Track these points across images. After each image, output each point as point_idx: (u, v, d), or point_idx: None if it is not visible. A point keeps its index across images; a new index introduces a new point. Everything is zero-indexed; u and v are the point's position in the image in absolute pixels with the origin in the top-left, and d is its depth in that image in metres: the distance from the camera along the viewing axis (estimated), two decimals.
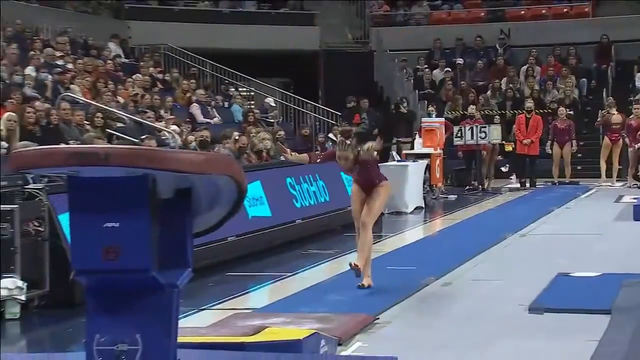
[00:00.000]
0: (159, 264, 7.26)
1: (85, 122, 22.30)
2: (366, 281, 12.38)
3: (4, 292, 12.37)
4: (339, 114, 31.68)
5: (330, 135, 28.76)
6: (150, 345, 7.28)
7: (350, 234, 17.83)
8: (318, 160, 15.26)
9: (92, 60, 28.78)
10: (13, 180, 13.36)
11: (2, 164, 14.15)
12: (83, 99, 24.20)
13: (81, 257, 7.50)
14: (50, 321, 12.57)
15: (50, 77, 25.09)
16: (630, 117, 29.25)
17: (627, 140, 28.90)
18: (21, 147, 15.14)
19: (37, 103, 21.80)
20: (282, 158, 13.40)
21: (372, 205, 12.61)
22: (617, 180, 29.35)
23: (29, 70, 25.04)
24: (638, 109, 29.49)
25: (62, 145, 15.47)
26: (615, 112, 29.99)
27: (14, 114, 20.19)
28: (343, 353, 9.68)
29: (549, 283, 13.06)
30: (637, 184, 27.84)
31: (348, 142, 12.62)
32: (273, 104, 32.08)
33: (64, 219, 12.46)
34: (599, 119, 31.30)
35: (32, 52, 26.85)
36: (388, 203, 13.07)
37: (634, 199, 22.76)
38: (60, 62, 27.10)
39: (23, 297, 12.45)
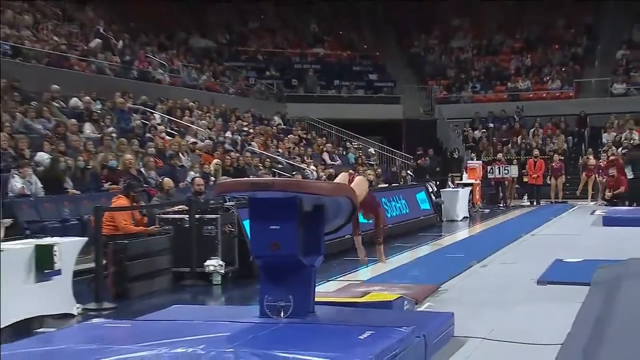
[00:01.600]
0: (303, 252, 8.66)
1: (259, 164, 24.68)
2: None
3: (212, 268, 13.90)
4: (418, 155, 33.82)
5: (409, 172, 30.92)
6: (297, 303, 8.65)
7: (423, 234, 21.38)
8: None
9: (264, 127, 31.74)
10: (217, 200, 15.03)
11: (210, 191, 16.77)
12: (258, 150, 26.98)
13: (256, 248, 9.18)
14: (238, 286, 13.80)
15: (239, 137, 27.98)
16: (600, 160, 31.44)
17: (598, 176, 30.94)
18: (222, 180, 17.33)
19: (232, 153, 24.47)
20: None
21: None
22: (591, 201, 30.90)
23: (228, 134, 28.03)
24: (605, 156, 31.40)
25: (246, 179, 16.31)
26: (591, 158, 32.44)
27: (219, 160, 22.75)
28: (418, 309, 10.46)
29: (550, 265, 13.86)
30: (604, 203, 28.68)
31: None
32: (373, 152, 33.85)
33: (246, 224, 13.75)
34: (580, 162, 33.85)
35: (230, 123, 29.85)
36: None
37: (602, 212, 23.67)
38: (245, 128, 29.90)
39: (222, 271, 13.96)
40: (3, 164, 16.29)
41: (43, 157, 17.19)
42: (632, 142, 31.54)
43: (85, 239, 12.12)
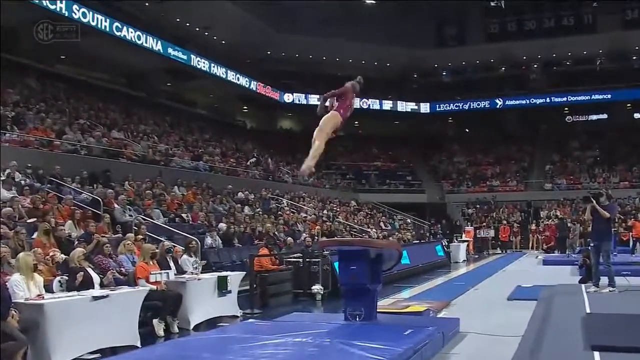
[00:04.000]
0: (369, 281, 8.47)
1: (343, 230, 23.87)
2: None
3: (316, 290, 13.49)
4: (431, 224, 33.25)
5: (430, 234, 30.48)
6: (366, 312, 8.43)
7: (439, 270, 20.60)
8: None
9: (345, 207, 30.48)
10: (319, 250, 14.05)
11: (315, 245, 15.42)
12: (343, 221, 25.75)
13: (342, 278, 9.16)
14: (331, 302, 12.98)
15: (331, 213, 26.75)
16: (540, 227, 31.31)
17: (539, 235, 30.75)
18: (322, 239, 18.12)
19: (327, 223, 23.37)
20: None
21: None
22: (535, 250, 29.64)
23: (324, 211, 26.87)
24: (542, 224, 31.45)
25: (336, 238, 17.80)
26: (533, 225, 31.89)
27: (319, 227, 21.84)
28: (438, 316, 10.07)
29: (514, 288, 13.39)
30: (543, 252, 27.92)
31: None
32: (409, 222, 32.41)
33: (336, 264, 12.88)
34: (529, 228, 32.58)
35: (326, 205, 28.79)
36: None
37: (542, 257, 23.89)
38: (334, 208, 28.83)
39: (322, 292, 13.47)
40: (201, 230, 16.35)
41: (222, 226, 17.26)
42: (556, 216, 30.85)
43: (244, 272, 12.22)
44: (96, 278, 8.84)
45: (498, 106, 41.08)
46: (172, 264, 10.64)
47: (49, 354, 7.13)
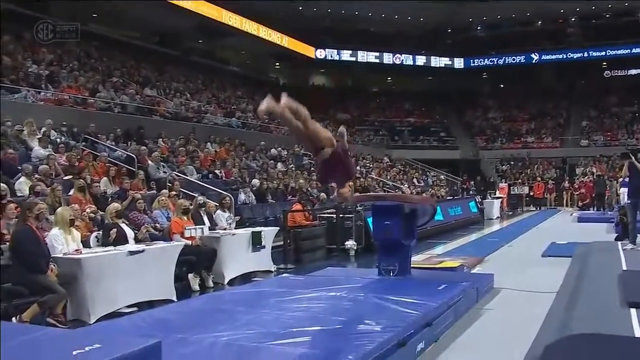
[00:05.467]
0: (403, 237, 8.43)
1: (376, 185, 23.85)
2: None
3: (349, 245, 13.44)
4: (463, 180, 32.18)
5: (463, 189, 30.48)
6: (401, 267, 8.44)
7: (473, 227, 20.40)
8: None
9: (378, 164, 30.51)
10: (352, 206, 13.55)
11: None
12: (375, 177, 25.90)
13: (376, 234, 8.96)
14: (364, 257, 12.99)
15: (364, 169, 26.64)
16: (575, 184, 30.89)
17: (574, 192, 30.23)
18: (355, 195, 19.07)
19: (361, 179, 22.93)
20: None
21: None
22: (569, 207, 29.58)
23: (358, 167, 25.93)
24: (578, 181, 30.68)
25: (370, 193, 17.15)
26: (566, 182, 31.87)
27: (352, 182, 24.69)
28: (472, 272, 9.93)
29: (549, 245, 13.44)
30: (578, 209, 27.77)
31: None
32: (442, 178, 32.28)
33: (369, 220, 13.06)
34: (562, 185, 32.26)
35: (359, 161, 28.22)
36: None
37: (577, 214, 23.58)
38: (368, 164, 28.88)
39: (355, 248, 13.43)
40: (234, 186, 16.40)
41: (255, 182, 17.26)
42: (592, 173, 30.17)
43: (278, 228, 12.26)
44: (130, 233, 8.93)
45: (534, 61, 40.46)
46: (206, 219, 10.68)
47: (88, 307, 7.26)
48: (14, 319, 6.61)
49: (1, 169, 10.96)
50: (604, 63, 40.76)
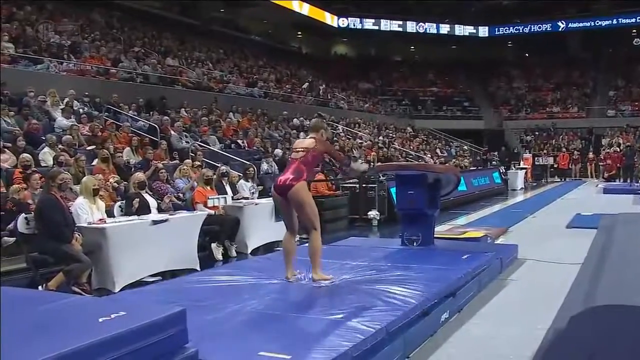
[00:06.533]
0: (427, 207, 8.47)
1: (399, 155, 23.79)
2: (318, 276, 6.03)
3: (372, 215, 13.60)
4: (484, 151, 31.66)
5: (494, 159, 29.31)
6: (424, 237, 8.47)
7: (497, 197, 20.54)
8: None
9: (401, 134, 30.52)
10: (375, 175, 14.04)
11: (371, 170, 14.17)
12: (398, 147, 25.65)
13: (400, 204, 9.05)
14: (387, 227, 13.02)
15: (387, 140, 26.65)
16: (600, 155, 31.01)
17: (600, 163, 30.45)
18: (378, 164, 16.27)
19: (384, 149, 23.40)
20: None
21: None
22: (595, 179, 29.63)
23: (380, 137, 26.61)
24: (604, 152, 30.67)
25: (394, 162, 17.68)
26: (591, 154, 32.03)
27: (375, 153, 21.90)
28: (496, 242, 9.99)
29: (573, 216, 13.42)
30: (604, 180, 27.73)
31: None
32: (466, 149, 31.83)
33: (392, 190, 13.02)
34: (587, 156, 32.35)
35: (382, 131, 28.70)
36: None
37: (602, 185, 23.30)
38: (390, 134, 28.73)
39: (378, 218, 13.56)
40: (257, 156, 16.39)
41: (278, 152, 17.23)
42: (619, 144, 30.07)
43: None
44: (153, 203, 8.98)
45: (560, 29, 39.76)
46: (228, 189, 10.72)
47: (112, 276, 7.34)
48: (40, 287, 6.71)
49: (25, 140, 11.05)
50: (634, 30, 39.86)
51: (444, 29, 40.56)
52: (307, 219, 5.96)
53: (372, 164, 17.86)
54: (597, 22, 39.00)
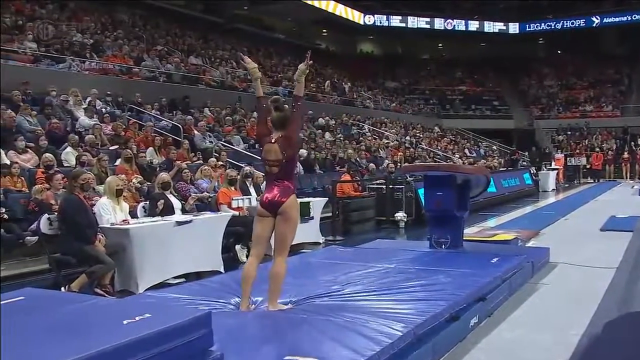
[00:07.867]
0: (456, 208, 8.42)
1: (426, 156, 23.80)
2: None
3: (399, 217, 13.60)
4: (513, 151, 31.39)
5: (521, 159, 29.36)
6: (453, 239, 8.44)
7: (528, 199, 20.35)
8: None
9: (428, 133, 30.79)
10: (403, 177, 14.47)
11: (398, 171, 15.49)
12: (426, 147, 25.64)
13: (428, 205, 8.99)
14: (414, 229, 12.94)
15: (414, 139, 26.96)
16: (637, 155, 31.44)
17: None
18: (405, 165, 17.22)
19: (410, 149, 23.69)
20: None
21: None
22: (630, 180, 29.35)
23: (407, 137, 26.96)
24: None
25: (422, 163, 17.90)
26: (625, 154, 31.50)
27: (402, 153, 21.87)
28: (527, 245, 9.85)
29: (608, 219, 13.26)
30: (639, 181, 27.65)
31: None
32: (495, 149, 32.38)
33: (420, 191, 13.27)
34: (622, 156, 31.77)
35: (409, 131, 28.75)
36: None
37: (638, 187, 22.36)
38: (418, 134, 28.92)
39: (405, 219, 13.60)
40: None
41: (303, 152, 17.12)
42: None
43: (326, 199, 12.32)
44: (177, 204, 9.01)
45: (594, 25, 39.30)
46: (252, 190, 10.74)
47: (135, 278, 7.39)
48: (62, 288, 6.76)
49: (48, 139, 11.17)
50: None
51: (473, 25, 40.38)
52: (283, 239, 5.28)
53: (398, 164, 17.82)
54: (634, 17, 38.28)
